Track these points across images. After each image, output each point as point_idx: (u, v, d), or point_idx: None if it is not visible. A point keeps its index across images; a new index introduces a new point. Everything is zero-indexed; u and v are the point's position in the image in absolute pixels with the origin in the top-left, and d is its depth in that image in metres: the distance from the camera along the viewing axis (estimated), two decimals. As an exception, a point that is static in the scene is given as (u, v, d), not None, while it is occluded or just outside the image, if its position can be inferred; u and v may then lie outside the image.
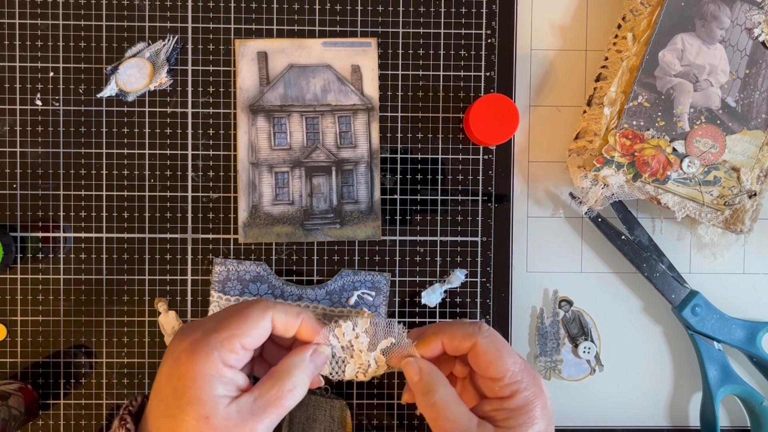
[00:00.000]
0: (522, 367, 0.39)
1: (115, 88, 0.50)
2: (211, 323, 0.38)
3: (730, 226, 0.48)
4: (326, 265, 0.51)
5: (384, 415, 0.51)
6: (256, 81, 0.50)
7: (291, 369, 0.38)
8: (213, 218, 0.51)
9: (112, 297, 0.50)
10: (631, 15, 0.49)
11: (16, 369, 0.50)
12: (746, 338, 0.50)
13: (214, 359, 0.36)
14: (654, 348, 0.53)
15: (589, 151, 0.48)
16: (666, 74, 0.48)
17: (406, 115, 0.51)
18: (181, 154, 0.50)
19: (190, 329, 0.38)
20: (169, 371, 0.36)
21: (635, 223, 0.50)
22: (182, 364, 0.36)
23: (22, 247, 0.50)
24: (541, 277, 0.52)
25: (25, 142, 0.50)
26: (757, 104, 0.48)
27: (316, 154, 0.50)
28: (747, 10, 0.47)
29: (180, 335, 0.38)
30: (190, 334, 0.37)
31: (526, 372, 0.39)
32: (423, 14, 0.51)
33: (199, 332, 0.37)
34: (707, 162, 0.48)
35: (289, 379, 0.38)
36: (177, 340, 0.37)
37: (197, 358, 0.36)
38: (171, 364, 0.36)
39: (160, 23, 0.50)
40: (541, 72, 0.52)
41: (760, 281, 0.53)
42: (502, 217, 0.52)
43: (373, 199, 0.51)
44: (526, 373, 0.39)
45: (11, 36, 0.50)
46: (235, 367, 0.37)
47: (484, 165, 0.51)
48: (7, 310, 0.50)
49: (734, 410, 0.53)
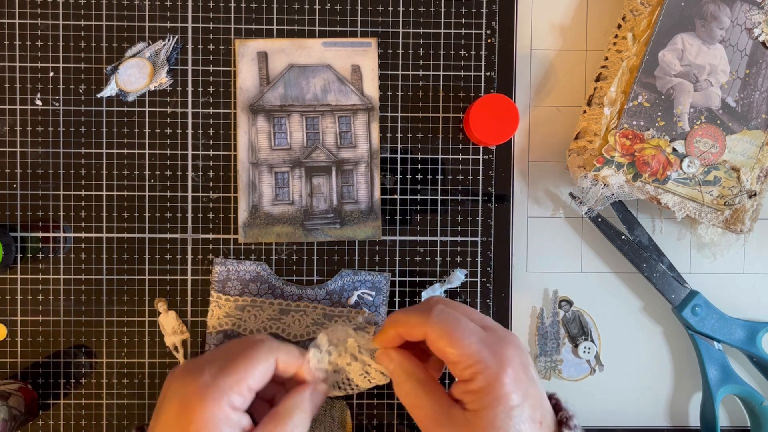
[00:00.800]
0: (478, 346, 0.36)
1: (115, 88, 0.50)
2: (217, 364, 0.38)
3: (730, 226, 0.48)
4: (326, 265, 0.51)
5: (384, 415, 0.51)
6: (256, 81, 0.50)
7: (292, 410, 0.39)
8: (213, 218, 0.51)
9: (112, 297, 0.50)
10: (631, 15, 0.49)
11: (16, 369, 0.50)
12: (746, 338, 0.50)
13: (224, 404, 0.37)
14: (654, 348, 0.53)
15: (589, 151, 0.48)
16: (666, 74, 0.48)
17: (406, 115, 0.51)
18: (181, 154, 0.50)
19: (195, 370, 0.38)
20: (178, 414, 0.37)
21: (635, 223, 0.50)
22: (193, 410, 0.36)
23: (22, 247, 0.50)
24: (541, 277, 0.52)
25: (25, 142, 0.50)
26: (757, 104, 0.48)
27: (316, 154, 0.50)
28: (747, 10, 0.47)
29: (185, 376, 0.38)
30: (197, 377, 0.37)
31: (485, 349, 0.36)
32: (423, 14, 0.51)
33: (206, 375, 0.37)
34: (707, 162, 0.48)
35: (291, 419, 0.39)
36: (182, 381, 0.38)
37: (208, 404, 0.36)
38: (179, 408, 0.37)
39: (160, 23, 0.50)
40: (541, 72, 0.52)
41: (760, 281, 0.53)
42: (502, 217, 0.52)
43: (373, 199, 0.51)
44: (484, 351, 0.36)
45: (11, 36, 0.50)
46: (240, 409, 0.38)
47: (484, 165, 0.51)
48: (7, 310, 0.50)
49: (734, 410, 0.53)
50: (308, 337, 0.50)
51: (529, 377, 0.36)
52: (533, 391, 0.36)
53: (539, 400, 0.37)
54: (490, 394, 0.35)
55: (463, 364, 0.36)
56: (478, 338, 0.37)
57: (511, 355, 0.36)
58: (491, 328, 0.38)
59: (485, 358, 0.36)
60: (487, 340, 0.37)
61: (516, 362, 0.36)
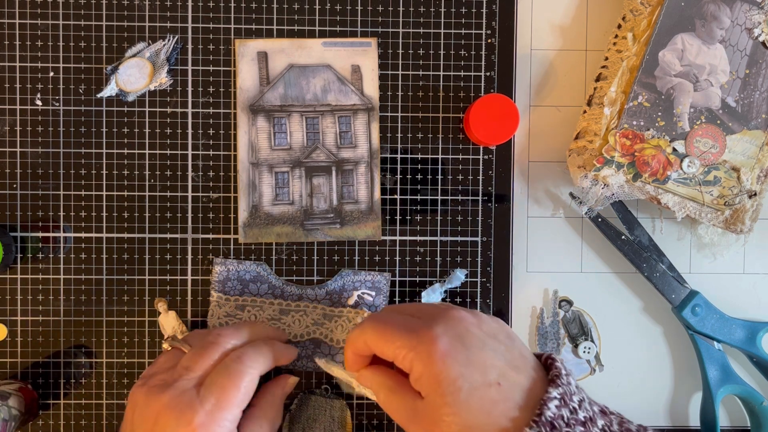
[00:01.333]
0: (406, 336, 0.37)
1: (115, 88, 0.50)
2: (209, 399, 0.40)
3: (730, 226, 0.48)
4: (326, 265, 0.51)
5: (384, 415, 0.51)
6: (256, 81, 0.50)
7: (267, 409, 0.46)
8: (213, 218, 0.51)
9: (112, 297, 0.50)
10: (631, 15, 0.49)
11: (16, 369, 0.50)
12: (746, 338, 0.50)
13: (228, 427, 0.40)
14: (654, 348, 0.53)
15: (589, 151, 0.48)
16: (666, 74, 0.48)
17: (406, 115, 0.51)
18: (181, 154, 0.50)
19: (187, 409, 0.39)
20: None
21: (635, 223, 0.50)
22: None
23: (22, 247, 0.50)
24: (541, 277, 0.52)
25: (25, 142, 0.50)
26: (757, 104, 0.48)
27: (316, 154, 0.50)
28: (747, 10, 0.47)
29: (176, 414, 0.40)
30: (192, 416, 0.39)
31: (412, 337, 0.37)
32: (423, 14, 0.51)
33: (202, 414, 0.39)
34: (707, 162, 0.48)
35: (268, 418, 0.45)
36: (175, 421, 0.39)
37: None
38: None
39: (160, 23, 0.50)
40: (541, 72, 0.52)
41: (760, 281, 0.53)
42: (502, 217, 0.52)
43: (373, 199, 0.51)
44: (412, 339, 0.37)
45: (11, 36, 0.50)
46: (234, 424, 0.41)
47: (484, 165, 0.51)
48: (7, 310, 0.50)
49: (734, 410, 0.53)
50: (308, 337, 0.50)
51: (467, 345, 0.36)
52: (478, 356, 0.36)
53: (491, 361, 0.36)
54: (429, 377, 0.36)
55: (399, 358, 0.37)
56: (405, 328, 0.37)
57: (440, 332, 0.36)
58: (423, 313, 0.39)
59: (414, 345, 0.36)
60: (414, 326, 0.37)
61: (445, 337, 0.36)
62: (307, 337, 0.50)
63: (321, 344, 0.50)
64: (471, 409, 0.35)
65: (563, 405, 0.35)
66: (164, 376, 0.42)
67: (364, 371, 0.41)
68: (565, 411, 0.35)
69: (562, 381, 0.36)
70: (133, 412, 0.41)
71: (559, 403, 0.35)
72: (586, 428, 0.35)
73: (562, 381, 0.36)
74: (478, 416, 0.35)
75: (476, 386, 0.35)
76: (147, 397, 0.41)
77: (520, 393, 0.35)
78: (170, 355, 0.44)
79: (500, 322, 0.39)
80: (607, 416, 0.37)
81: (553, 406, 0.34)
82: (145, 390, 0.41)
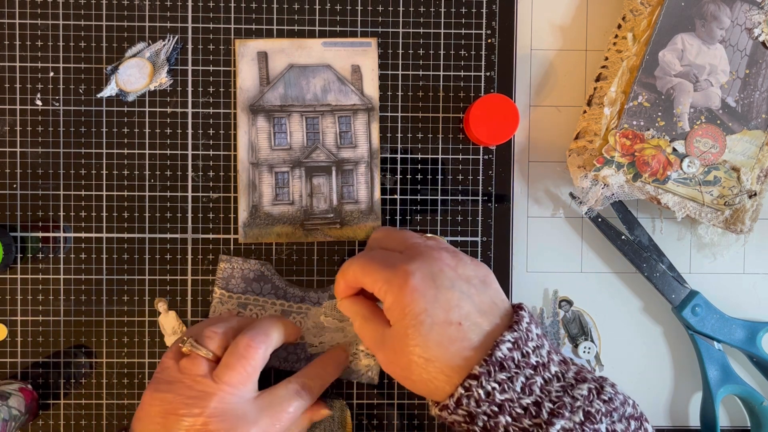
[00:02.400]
0: (384, 269, 0.40)
1: (115, 88, 0.50)
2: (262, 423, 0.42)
3: (730, 226, 0.48)
4: (326, 265, 0.51)
5: (384, 415, 0.51)
6: (256, 81, 0.50)
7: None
8: (213, 218, 0.51)
9: (112, 297, 0.50)
10: (631, 15, 0.49)
11: (16, 369, 0.50)
12: (746, 338, 0.50)
13: None
14: (654, 348, 0.53)
15: (589, 151, 0.48)
16: (666, 74, 0.48)
17: (406, 115, 0.51)
18: (181, 154, 0.50)
19: (240, 426, 0.41)
20: None
21: (635, 223, 0.50)
22: None
23: (22, 247, 0.50)
24: (541, 277, 0.52)
25: (25, 142, 0.50)
26: (757, 104, 0.48)
27: (316, 154, 0.50)
28: (747, 10, 0.47)
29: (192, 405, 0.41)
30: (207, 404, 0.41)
31: (389, 270, 0.40)
32: (423, 14, 0.51)
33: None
34: (707, 162, 0.48)
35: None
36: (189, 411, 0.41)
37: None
38: None
39: (160, 23, 0.50)
40: (541, 72, 0.52)
41: (760, 281, 0.53)
42: (502, 217, 0.52)
43: (373, 199, 0.51)
44: (388, 271, 0.40)
45: (11, 36, 0.50)
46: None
47: (484, 165, 0.51)
48: (7, 310, 0.50)
49: (734, 410, 0.53)
50: (302, 340, 0.50)
51: (437, 284, 0.39)
52: (445, 295, 0.39)
53: (457, 302, 0.39)
54: (397, 308, 0.39)
55: (375, 288, 0.41)
56: (386, 264, 0.41)
57: (414, 268, 0.39)
58: (409, 247, 0.42)
59: (389, 278, 0.40)
60: (393, 260, 0.41)
61: (418, 274, 0.39)
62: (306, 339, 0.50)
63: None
64: (429, 342, 0.38)
65: (515, 348, 0.37)
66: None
67: (344, 300, 0.45)
68: (516, 354, 0.37)
69: (520, 327, 0.38)
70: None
71: (512, 346, 0.37)
72: (536, 371, 0.37)
73: (520, 327, 0.38)
74: (436, 350, 0.38)
75: (437, 322, 0.38)
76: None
77: (478, 335, 0.38)
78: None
79: (479, 268, 0.42)
80: (566, 365, 0.39)
81: (504, 348, 0.37)
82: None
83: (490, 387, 0.36)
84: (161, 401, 0.41)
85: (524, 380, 0.36)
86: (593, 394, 0.37)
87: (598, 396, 0.37)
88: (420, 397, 0.51)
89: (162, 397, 0.41)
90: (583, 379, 0.38)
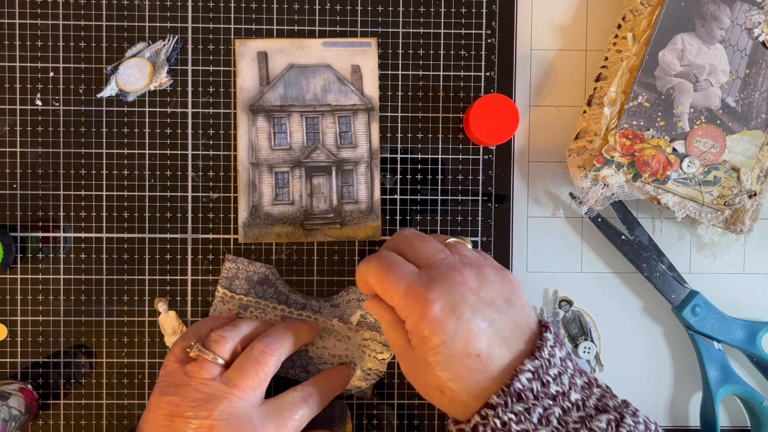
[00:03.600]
0: (404, 293, 0.39)
1: (115, 88, 0.50)
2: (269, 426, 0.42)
3: (730, 226, 0.48)
4: (326, 265, 0.51)
5: (384, 415, 0.51)
6: (256, 81, 0.50)
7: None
8: (213, 218, 0.51)
9: (112, 297, 0.50)
10: (631, 15, 0.49)
11: (16, 369, 0.50)
12: (746, 338, 0.50)
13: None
14: (654, 348, 0.53)
15: (589, 151, 0.48)
16: (666, 74, 0.48)
17: (406, 115, 0.51)
18: (181, 154, 0.50)
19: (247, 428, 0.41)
20: None
21: (635, 223, 0.50)
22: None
23: (22, 247, 0.50)
24: (541, 277, 0.52)
25: (25, 142, 0.50)
26: (757, 104, 0.48)
27: (316, 154, 0.50)
28: (747, 10, 0.47)
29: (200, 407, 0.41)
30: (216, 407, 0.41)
31: (410, 295, 0.39)
32: (423, 14, 0.51)
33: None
34: (707, 162, 0.48)
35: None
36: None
37: None
38: None
39: (160, 23, 0.50)
40: (541, 72, 0.52)
41: (760, 281, 0.53)
42: (502, 217, 0.52)
43: (373, 199, 0.51)
44: (409, 297, 0.39)
45: (11, 36, 0.50)
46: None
47: (484, 165, 0.51)
48: (7, 310, 0.50)
49: (734, 410, 0.53)
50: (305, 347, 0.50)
51: (458, 314, 0.38)
52: (466, 327, 0.38)
53: (477, 331, 0.38)
54: (417, 336, 0.38)
55: (393, 304, 0.40)
56: (406, 285, 0.39)
57: (434, 297, 0.38)
58: (427, 267, 0.40)
59: (409, 304, 0.39)
60: (414, 284, 0.39)
61: (438, 304, 0.38)
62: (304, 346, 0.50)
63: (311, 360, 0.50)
64: (448, 371, 0.38)
65: (535, 378, 0.36)
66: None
67: (369, 302, 0.43)
68: (536, 384, 0.36)
69: (542, 354, 0.37)
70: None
71: (532, 376, 0.36)
72: (555, 402, 0.36)
73: (542, 354, 0.37)
74: (454, 379, 0.37)
75: (456, 355, 0.37)
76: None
77: (498, 365, 0.37)
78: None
79: (504, 283, 0.40)
80: (589, 390, 0.38)
81: (524, 378, 0.36)
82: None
83: (506, 417, 0.36)
84: (168, 404, 0.41)
85: (542, 411, 0.36)
86: (611, 427, 0.36)
87: (617, 429, 0.36)
88: (420, 398, 0.51)
89: (169, 400, 0.41)
90: (603, 408, 0.37)
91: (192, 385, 0.41)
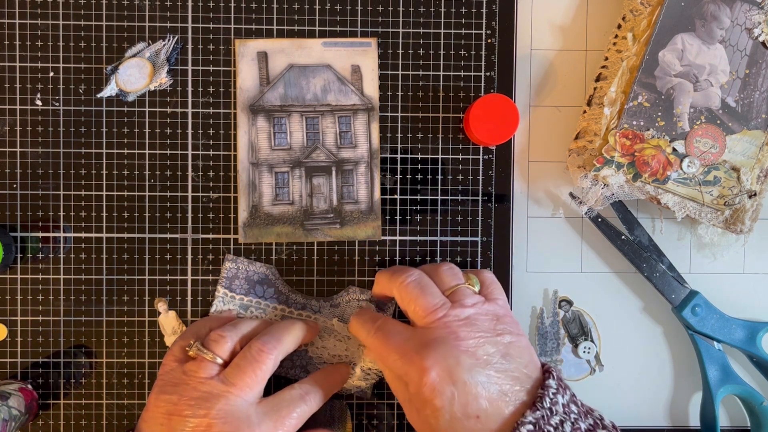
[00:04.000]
0: (402, 362, 0.40)
1: (115, 88, 0.50)
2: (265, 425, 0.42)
3: (730, 226, 0.48)
4: (326, 265, 0.51)
5: (384, 415, 0.51)
6: (256, 81, 0.50)
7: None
8: (213, 218, 0.51)
9: (112, 297, 0.50)
10: (631, 15, 0.49)
11: (16, 369, 0.50)
12: (746, 338, 0.50)
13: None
14: (654, 348, 0.53)
15: (589, 151, 0.48)
16: (666, 74, 0.48)
17: (406, 115, 0.51)
18: (181, 154, 0.50)
19: (244, 428, 0.41)
20: None
21: (635, 223, 0.50)
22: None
23: (22, 247, 0.50)
24: (541, 277, 0.52)
25: (25, 142, 0.50)
26: (757, 104, 0.48)
27: (316, 154, 0.50)
28: (747, 10, 0.47)
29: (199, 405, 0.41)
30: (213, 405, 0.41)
31: (406, 364, 0.40)
32: (423, 14, 0.51)
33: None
34: (707, 162, 0.48)
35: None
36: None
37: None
38: None
39: (160, 23, 0.50)
40: (541, 72, 0.52)
41: (760, 281, 0.53)
42: (502, 217, 0.52)
43: (373, 199, 0.51)
44: (406, 366, 0.40)
45: (11, 36, 0.50)
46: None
47: (484, 165, 0.51)
48: (7, 310, 0.50)
49: (734, 410, 0.53)
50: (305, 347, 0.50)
51: (455, 379, 0.38)
52: (462, 391, 0.38)
53: (475, 393, 0.38)
54: (417, 398, 0.39)
55: (397, 373, 0.41)
56: (402, 353, 0.40)
57: (430, 364, 0.39)
58: (423, 328, 0.41)
59: (408, 372, 0.40)
60: (410, 352, 0.40)
61: (433, 372, 0.39)
62: (303, 346, 0.50)
63: (311, 360, 0.50)
64: (451, 431, 0.38)
65: (537, 430, 0.37)
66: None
67: (372, 353, 0.45)
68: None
69: (544, 404, 0.38)
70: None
71: (533, 428, 0.37)
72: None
73: (544, 404, 0.38)
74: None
75: (457, 418, 0.38)
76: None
77: (498, 422, 0.38)
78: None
79: (503, 336, 0.41)
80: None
81: (525, 431, 0.36)
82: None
83: None
84: (166, 402, 0.41)
85: None
86: None
87: None
88: (420, 397, 0.51)
89: (167, 398, 0.41)
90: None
91: (190, 384, 0.41)
